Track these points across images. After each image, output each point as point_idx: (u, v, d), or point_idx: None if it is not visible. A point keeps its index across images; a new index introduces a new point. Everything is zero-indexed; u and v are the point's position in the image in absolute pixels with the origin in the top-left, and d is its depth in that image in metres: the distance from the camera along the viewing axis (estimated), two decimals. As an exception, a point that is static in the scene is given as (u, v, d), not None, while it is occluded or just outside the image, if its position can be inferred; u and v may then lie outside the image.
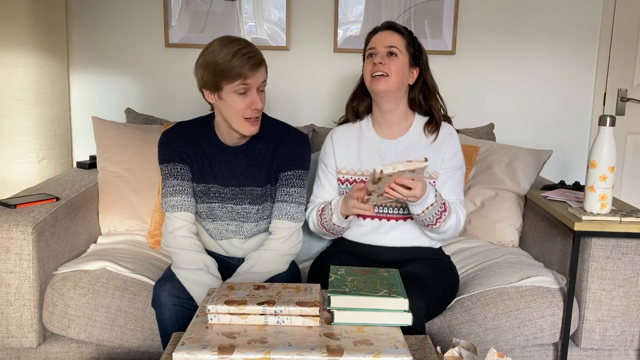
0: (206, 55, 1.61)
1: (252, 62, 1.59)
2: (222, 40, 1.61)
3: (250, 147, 1.75)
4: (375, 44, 1.77)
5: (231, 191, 1.77)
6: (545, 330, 1.78)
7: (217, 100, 1.64)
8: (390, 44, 1.75)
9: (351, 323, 1.24)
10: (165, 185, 1.75)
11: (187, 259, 1.69)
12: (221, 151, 1.75)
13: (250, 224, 1.80)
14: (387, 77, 1.72)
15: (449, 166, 1.79)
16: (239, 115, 1.63)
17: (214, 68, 1.58)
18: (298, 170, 1.76)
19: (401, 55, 1.75)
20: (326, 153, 1.89)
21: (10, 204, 1.88)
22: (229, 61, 1.57)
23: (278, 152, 1.75)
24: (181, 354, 1.10)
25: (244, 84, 1.60)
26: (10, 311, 1.77)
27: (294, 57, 2.75)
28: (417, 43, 1.80)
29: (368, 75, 1.76)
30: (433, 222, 1.69)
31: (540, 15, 2.72)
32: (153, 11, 2.71)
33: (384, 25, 1.80)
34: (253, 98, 1.63)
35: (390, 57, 1.74)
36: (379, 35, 1.78)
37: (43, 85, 2.50)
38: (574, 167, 2.86)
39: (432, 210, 1.66)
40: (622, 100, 2.77)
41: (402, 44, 1.76)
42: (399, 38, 1.76)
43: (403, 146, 1.81)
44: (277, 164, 1.75)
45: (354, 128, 1.88)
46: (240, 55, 1.57)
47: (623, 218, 1.73)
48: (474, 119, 2.74)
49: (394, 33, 1.77)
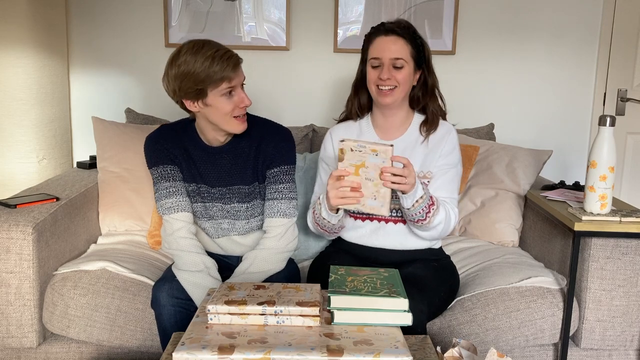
0: (179, 65, 1.57)
1: (232, 62, 1.58)
2: (191, 47, 1.57)
3: (233, 146, 1.75)
4: (379, 54, 1.71)
5: (219, 191, 1.77)
6: (545, 330, 1.78)
7: (202, 107, 1.62)
8: (396, 56, 1.69)
9: (351, 323, 1.24)
10: (157, 188, 1.75)
11: (188, 260, 1.69)
12: (205, 153, 1.75)
13: (242, 221, 1.80)
14: (394, 89, 1.71)
15: (443, 163, 1.77)
16: (228, 116, 1.63)
17: (194, 78, 1.56)
18: (284, 166, 1.75)
19: (407, 65, 1.71)
20: (327, 151, 1.88)
21: (10, 204, 1.88)
22: (209, 67, 1.55)
23: (262, 149, 1.74)
24: (181, 354, 1.10)
25: (229, 85, 1.59)
26: (10, 311, 1.77)
27: (294, 57, 2.75)
28: (419, 42, 1.74)
29: (373, 85, 1.74)
30: (423, 217, 1.65)
31: (541, 15, 2.72)
32: (153, 11, 2.71)
33: (386, 28, 1.72)
34: (240, 96, 1.63)
35: (396, 69, 1.70)
36: (382, 42, 1.71)
37: (43, 85, 2.50)
38: (574, 167, 2.86)
39: (422, 203, 1.62)
40: (622, 100, 2.77)
41: (407, 51, 1.71)
42: (403, 45, 1.70)
43: (402, 146, 1.80)
44: (262, 161, 1.75)
45: (353, 127, 1.87)
46: (218, 58, 1.56)
47: (623, 218, 1.73)
48: (474, 119, 2.74)
49: (397, 40, 1.70)
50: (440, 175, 1.77)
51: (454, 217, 1.74)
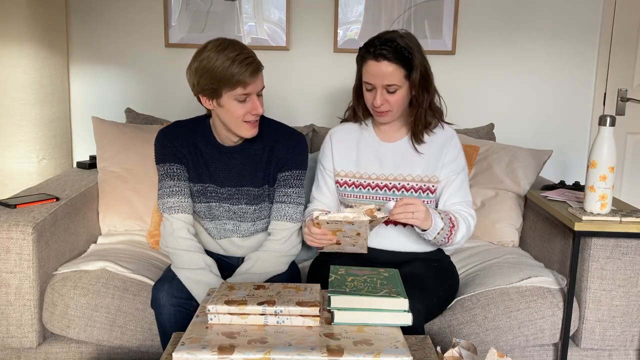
0: (201, 60, 1.56)
1: (252, 69, 1.56)
2: (216, 45, 1.57)
3: (246, 148, 1.75)
4: (371, 80, 1.65)
5: (227, 191, 1.76)
6: (545, 330, 1.78)
7: (216, 106, 1.62)
8: (388, 83, 1.63)
9: (351, 323, 1.24)
10: (162, 185, 1.75)
11: (188, 259, 1.69)
12: (217, 151, 1.75)
13: (248, 223, 1.80)
14: (390, 111, 1.70)
15: (451, 169, 1.76)
16: (239, 120, 1.62)
17: (211, 75, 1.55)
18: (295, 171, 1.75)
19: (400, 89, 1.66)
20: (325, 155, 1.87)
21: (10, 204, 1.88)
22: (228, 68, 1.53)
23: (275, 153, 1.74)
24: (181, 354, 1.10)
25: (244, 91, 1.58)
26: (10, 311, 1.77)
27: (294, 57, 2.75)
28: (413, 60, 1.63)
29: (370, 105, 1.72)
30: (446, 241, 1.68)
31: (541, 15, 2.72)
32: (153, 11, 2.71)
33: (376, 53, 1.62)
34: (254, 104, 1.61)
35: (390, 93, 1.66)
36: (373, 67, 1.64)
37: (43, 85, 2.50)
38: (574, 167, 2.86)
39: (443, 233, 1.65)
40: (622, 100, 2.77)
41: (400, 75, 1.64)
42: (395, 69, 1.62)
43: (401, 150, 1.80)
44: (274, 165, 1.75)
45: (354, 129, 1.87)
46: (238, 61, 1.54)
47: (623, 218, 1.73)
48: (474, 119, 2.74)
49: (389, 65, 1.62)
50: (451, 182, 1.77)
51: (473, 220, 1.76)
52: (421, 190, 1.76)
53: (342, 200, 1.85)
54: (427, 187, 1.76)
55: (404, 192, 1.76)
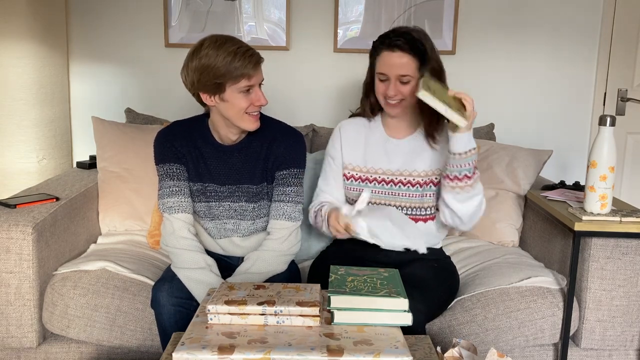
0: (200, 58, 1.58)
1: (254, 61, 1.60)
2: (214, 42, 1.59)
3: (245, 146, 1.75)
4: (385, 70, 1.69)
5: (228, 189, 1.77)
6: (545, 330, 1.78)
7: (219, 102, 1.63)
8: (402, 73, 1.67)
9: (351, 323, 1.24)
10: (161, 186, 1.75)
11: (188, 258, 1.69)
12: (217, 150, 1.75)
13: (247, 222, 1.80)
14: (402, 101, 1.71)
15: None
16: (242, 112, 1.64)
17: (214, 71, 1.57)
18: (293, 169, 1.75)
19: (413, 80, 1.69)
20: (334, 146, 1.87)
21: (10, 204, 1.88)
22: (230, 62, 1.56)
23: (273, 150, 1.74)
24: (181, 354, 1.09)
25: (249, 82, 1.60)
26: (10, 311, 1.77)
27: (294, 57, 2.75)
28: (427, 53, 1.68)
29: (381, 96, 1.74)
30: (471, 171, 1.63)
31: (541, 15, 2.72)
32: (153, 11, 2.71)
33: (391, 43, 1.67)
34: (257, 95, 1.64)
35: (403, 84, 1.69)
36: (387, 57, 1.68)
37: (43, 85, 2.50)
38: (574, 167, 2.86)
39: (473, 155, 1.61)
40: (622, 100, 2.77)
41: (414, 67, 1.67)
42: (409, 61, 1.67)
43: (409, 146, 1.80)
44: (272, 162, 1.75)
45: (363, 123, 1.87)
46: (240, 54, 1.57)
47: (623, 218, 1.73)
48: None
49: (403, 56, 1.66)
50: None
51: (484, 201, 1.73)
52: (425, 184, 1.77)
53: (346, 194, 1.85)
54: (431, 180, 1.77)
55: (409, 187, 1.77)
